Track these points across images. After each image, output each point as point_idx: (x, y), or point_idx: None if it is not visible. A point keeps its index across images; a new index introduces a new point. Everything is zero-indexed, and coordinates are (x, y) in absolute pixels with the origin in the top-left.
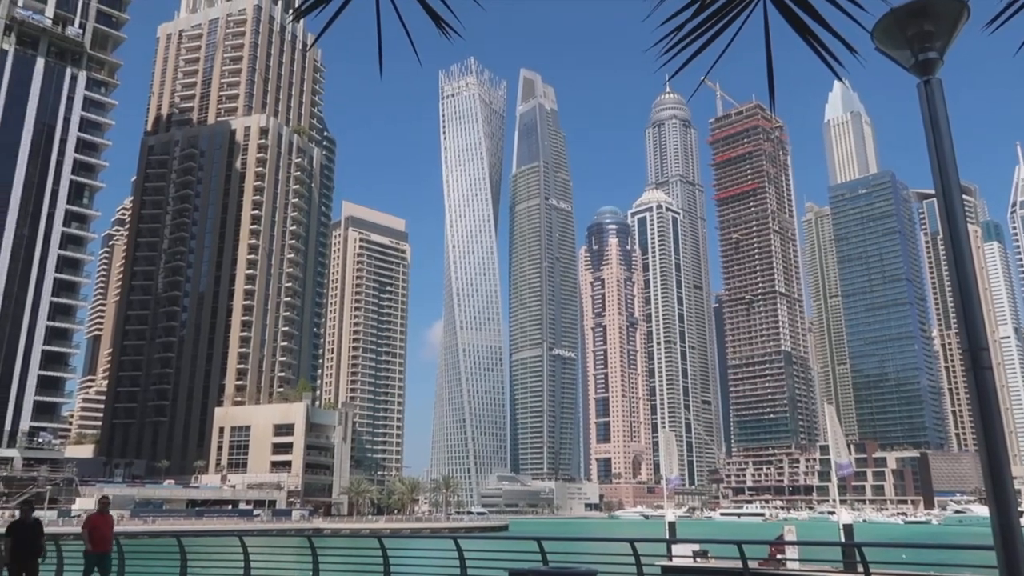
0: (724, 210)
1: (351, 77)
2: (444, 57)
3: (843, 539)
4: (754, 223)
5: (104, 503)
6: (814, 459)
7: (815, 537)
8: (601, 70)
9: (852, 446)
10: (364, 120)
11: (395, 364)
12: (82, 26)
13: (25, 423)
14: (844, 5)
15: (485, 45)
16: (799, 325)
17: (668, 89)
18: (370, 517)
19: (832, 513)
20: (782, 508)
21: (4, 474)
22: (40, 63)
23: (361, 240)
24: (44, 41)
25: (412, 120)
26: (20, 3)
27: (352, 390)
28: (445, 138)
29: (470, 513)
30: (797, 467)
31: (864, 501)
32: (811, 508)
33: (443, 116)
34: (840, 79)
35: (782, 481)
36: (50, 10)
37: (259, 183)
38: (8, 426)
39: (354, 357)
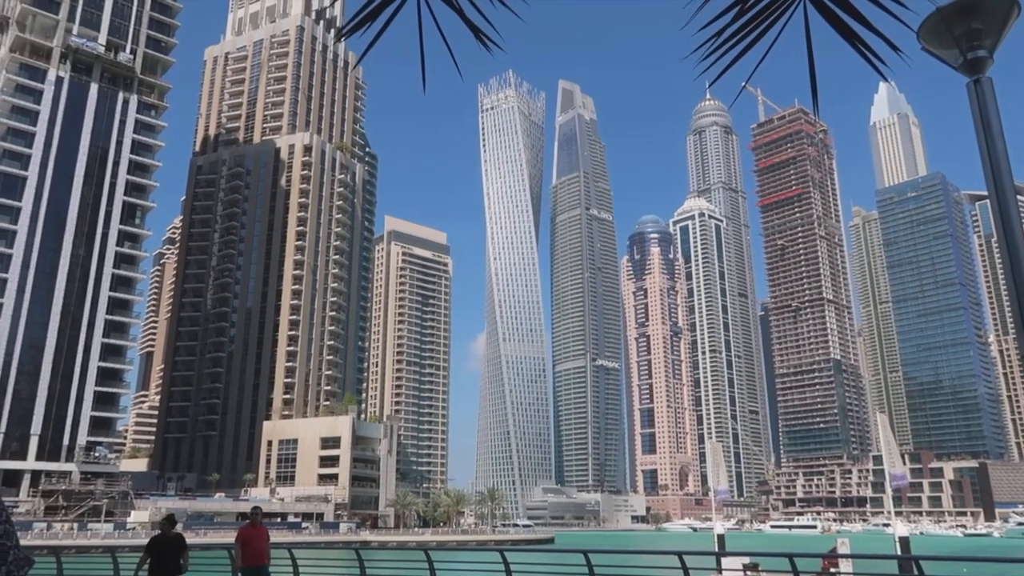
0: (768, 216)
1: (391, 92)
2: (483, 70)
3: (899, 552)
4: (799, 229)
5: (256, 513)
6: (867, 469)
7: (870, 550)
8: (640, 78)
9: (907, 456)
10: (404, 134)
11: (439, 376)
12: (133, 52)
13: (82, 438)
14: (887, 5)
15: (523, 57)
16: (848, 332)
17: (708, 96)
18: (416, 529)
19: (887, 525)
20: (834, 520)
21: (63, 487)
22: (94, 89)
23: (404, 254)
24: (97, 67)
25: (452, 133)
26: (75, 32)
27: (396, 403)
28: (485, 151)
29: (515, 526)
30: (849, 478)
31: (921, 513)
32: (865, 520)
33: (483, 129)
34: (887, 80)
35: (834, 492)
36: (103, 37)
37: (303, 200)
38: (67, 441)
39: (398, 370)
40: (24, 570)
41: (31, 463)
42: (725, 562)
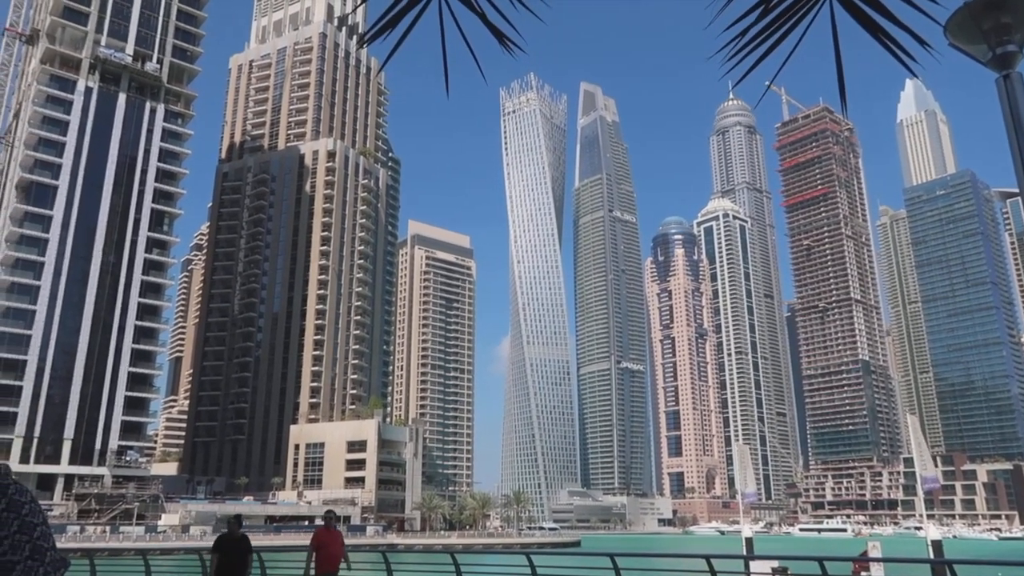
0: (794, 216)
1: (412, 96)
2: (504, 73)
3: (932, 556)
4: (825, 229)
5: (331, 516)
6: (898, 472)
7: (902, 554)
8: (662, 79)
9: (939, 458)
10: (426, 138)
11: (463, 380)
12: (159, 61)
13: (114, 442)
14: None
15: (544, 60)
16: (877, 333)
17: (731, 95)
18: (442, 532)
19: (919, 529)
20: (865, 523)
21: (96, 491)
22: (122, 98)
23: (427, 258)
24: (125, 77)
25: (473, 136)
26: (103, 43)
27: (422, 406)
28: (507, 154)
29: (541, 528)
30: (880, 480)
31: (954, 516)
32: (896, 523)
33: (505, 132)
34: (916, 76)
35: (864, 495)
36: (130, 48)
37: (328, 205)
38: (98, 445)
39: (423, 373)
40: (60, 572)
41: (64, 467)
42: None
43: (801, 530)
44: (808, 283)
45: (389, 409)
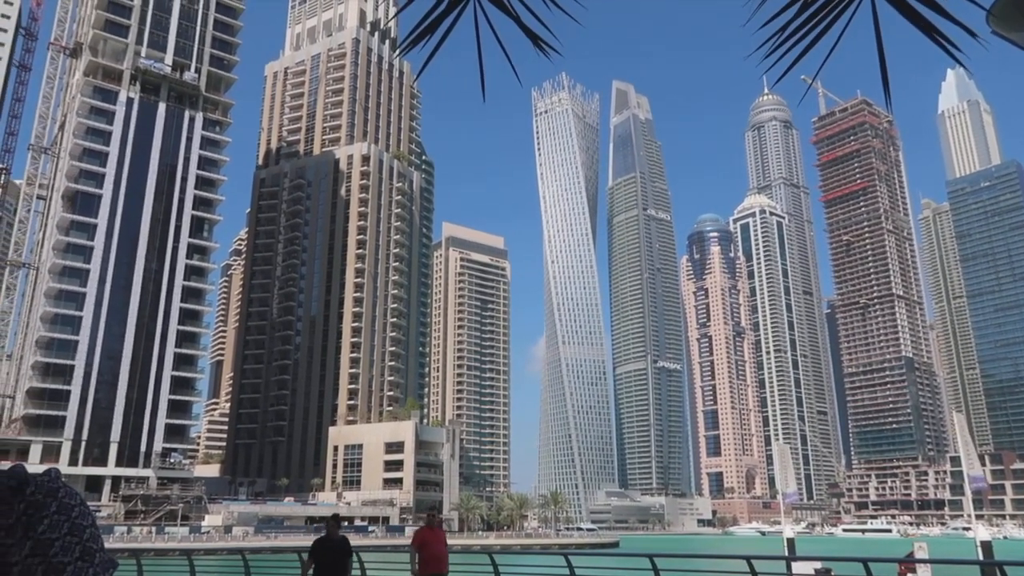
0: (832, 212)
1: (444, 97)
2: (535, 73)
3: (981, 558)
4: (865, 224)
5: (434, 515)
6: (944, 471)
7: (949, 555)
8: (695, 76)
9: (987, 457)
10: (458, 139)
11: (499, 380)
12: (197, 70)
13: (158, 444)
14: None
15: (576, 59)
16: (920, 329)
17: (766, 90)
18: (480, 533)
19: (967, 529)
20: (911, 524)
21: (141, 492)
22: (162, 108)
23: (461, 259)
24: (164, 87)
25: (506, 137)
26: (143, 54)
27: (458, 407)
28: (540, 154)
29: (579, 529)
30: (925, 480)
31: (1004, 516)
32: (943, 524)
33: (537, 133)
34: (963, 66)
35: (909, 495)
36: (169, 58)
37: (363, 209)
38: (144, 447)
39: (459, 375)
40: (109, 572)
41: (111, 469)
42: (796, 567)
43: (844, 531)
44: (848, 279)
45: (426, 410)
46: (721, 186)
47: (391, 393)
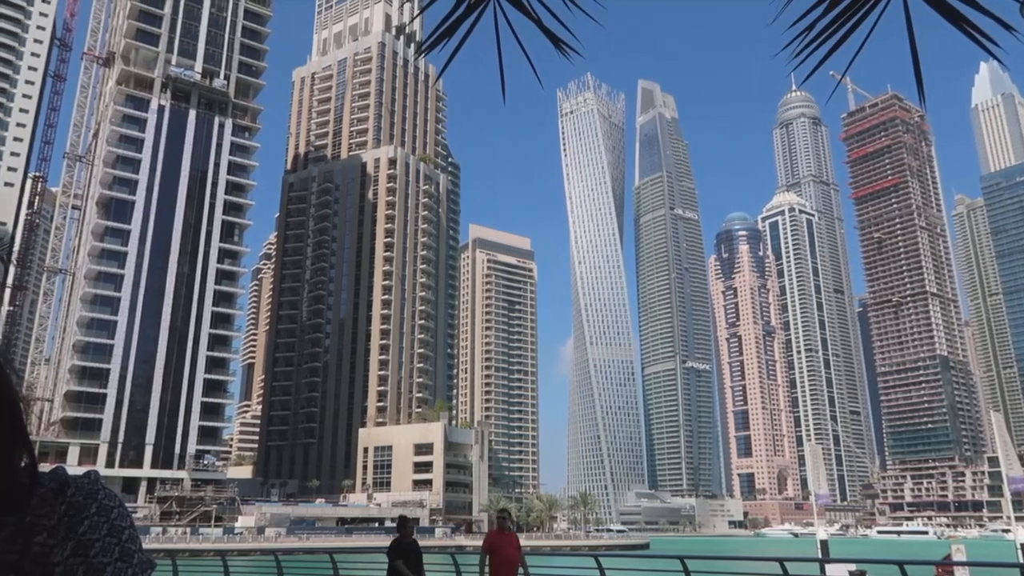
0: (863, 209)
1: (469, 98)
2: (560, 74)
3: (1022, 560)
4: (897, 220)
5: (504, 517)
6: (981, 472)
7: (988, 558)
8: (721, 74)
9: None
10: (484, 141)
11: (527, 381)
12: (226, 77)
13: (192, 446)
14: None
15: (601, 58)
16: (955, 327)
17: (794, 87)
18: None
19: (1007, 531)
20: (948, 525)
21: (176, 494)
22: (192, 115)
23: (488, 261)
24: (195, 94)
25: (531, 137)
26: (173, 62)
27: (487, 408)
28: (566, 155)
29: (609, 531)
30: (962, 481)
31: None
32: (982, 525)
33: (563, 133)
34: (998, 59)
35: (946, 496)
36: (198, 65)
37: (390, 212)
38: (178, 449)
39: (487, 376)
40: (147, 573)
41: (147, 471)
42: (829, 569)
43: (879, 532)
44: (880, 277)
45: (454, 412)
46: (749, 184)
47: (420, 395)
